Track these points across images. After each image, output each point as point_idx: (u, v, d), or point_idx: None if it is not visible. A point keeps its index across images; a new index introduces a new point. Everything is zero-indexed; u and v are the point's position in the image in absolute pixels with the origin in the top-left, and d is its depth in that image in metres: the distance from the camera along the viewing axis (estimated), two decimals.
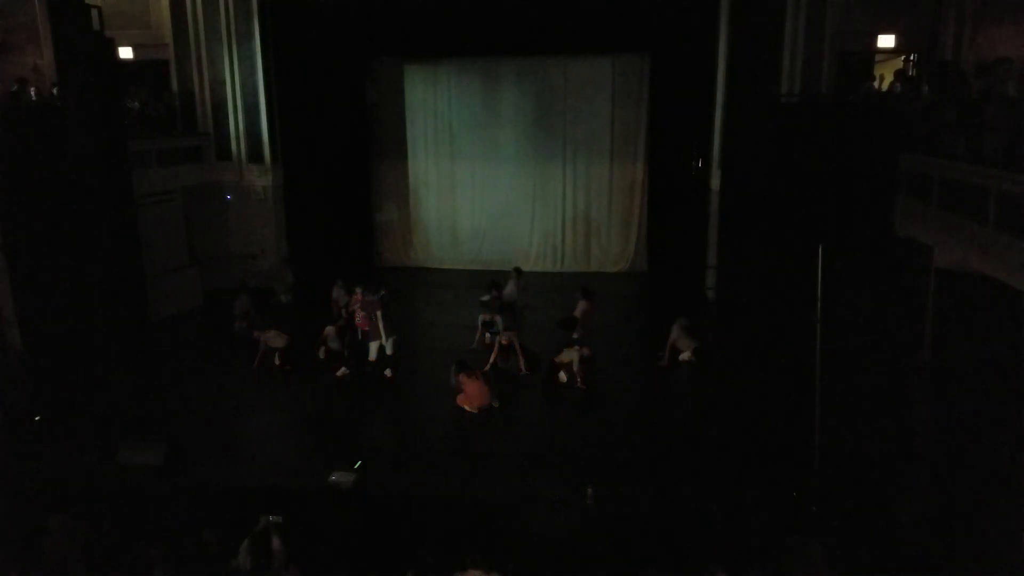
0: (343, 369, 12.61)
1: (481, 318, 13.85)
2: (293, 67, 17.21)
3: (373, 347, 12.47)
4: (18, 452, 10.21)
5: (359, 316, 12.68)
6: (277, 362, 12.96)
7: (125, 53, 16.62)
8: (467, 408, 10.95)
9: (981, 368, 8.91)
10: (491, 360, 12.42)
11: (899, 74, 12.61)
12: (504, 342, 12.55)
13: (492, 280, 14.54)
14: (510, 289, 14.35)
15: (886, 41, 13.82)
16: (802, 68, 14.06)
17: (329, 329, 13.02)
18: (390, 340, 12.42)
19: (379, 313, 12.35)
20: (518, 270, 15.00)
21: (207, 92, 17.30)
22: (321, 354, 12.99)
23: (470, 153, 19.63)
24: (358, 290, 13.16)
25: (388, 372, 12.43)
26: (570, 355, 11.96)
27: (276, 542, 7.31)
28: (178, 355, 13.88)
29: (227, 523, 7.95)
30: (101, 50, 12.60)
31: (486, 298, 14.20)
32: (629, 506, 8.74)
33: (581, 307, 13.56)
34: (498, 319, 13.03)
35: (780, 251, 10.94)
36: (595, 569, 7.84)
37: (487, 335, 13.53)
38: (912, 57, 14.36)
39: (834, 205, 10.42)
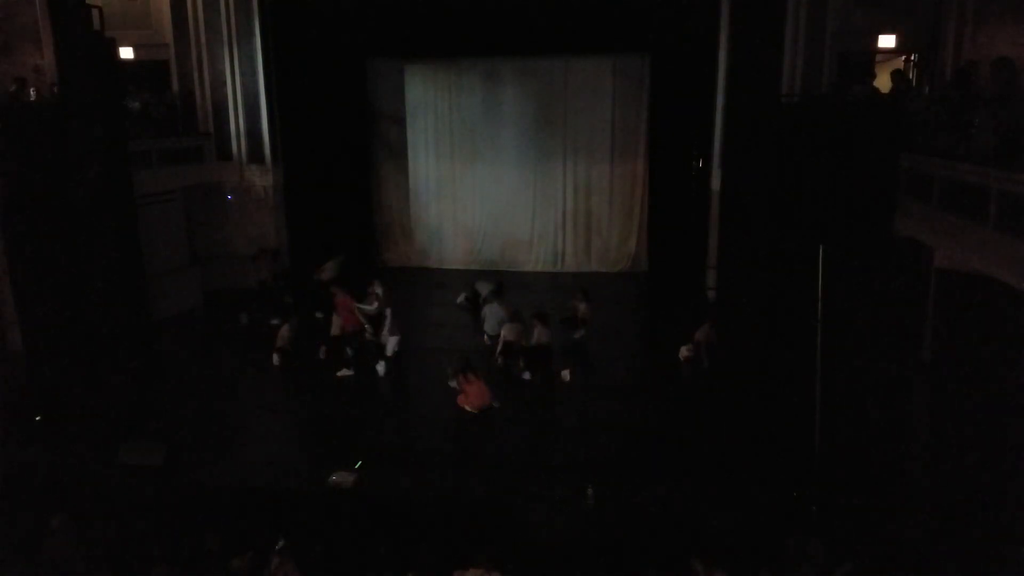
0: (344, 369, 12.60)
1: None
2: (293, 67, 17.22)
3: (393, 342, 12.44)
4: (18, 452, 10.21)
5: (346, 315, 12.69)
6: (277, 362, 12.98)
7: (125, 53, 16.62)
8: (467, 408, 10.94)
9: (981, 368, 8.91)
10: (492, 360, 12.42)
11: (896, 74, 12.59)
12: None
13: (473, 288, 14.78)
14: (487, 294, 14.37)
15: (886, 41, 13.80)
16: (802, 68, 14.03)
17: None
18: (391, 340, 12.45)
19: (389, 311, 12.40)
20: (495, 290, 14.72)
21: (208, 92, 17.31)
22: (322, 354, 12.99)
23: (470, 153, 19.63)
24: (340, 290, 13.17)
25: (380, 370, 12.45)
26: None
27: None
28: (178, 355, 13.87)
29: (227, 524, 7.95)
30: (101, 50, 12.60)
31: (461, 299, 14.23)
32: (629, 506, 8.74)
33: (582, 309, 13.51)
34: None
35: (780, 251, 10.94)
36: (595, 569, 7.84)
37: (487, 336, 13.54)
38: (912, 57, 14.34)
39: (834, 205, 10.41)
